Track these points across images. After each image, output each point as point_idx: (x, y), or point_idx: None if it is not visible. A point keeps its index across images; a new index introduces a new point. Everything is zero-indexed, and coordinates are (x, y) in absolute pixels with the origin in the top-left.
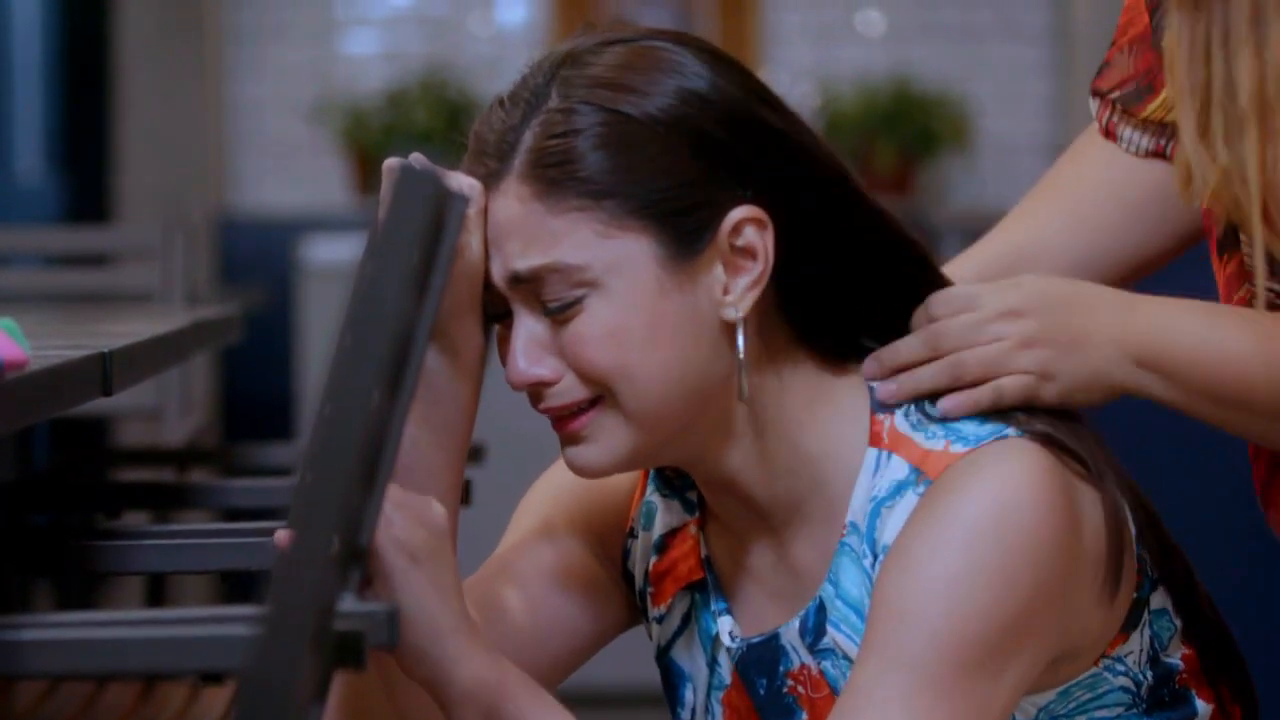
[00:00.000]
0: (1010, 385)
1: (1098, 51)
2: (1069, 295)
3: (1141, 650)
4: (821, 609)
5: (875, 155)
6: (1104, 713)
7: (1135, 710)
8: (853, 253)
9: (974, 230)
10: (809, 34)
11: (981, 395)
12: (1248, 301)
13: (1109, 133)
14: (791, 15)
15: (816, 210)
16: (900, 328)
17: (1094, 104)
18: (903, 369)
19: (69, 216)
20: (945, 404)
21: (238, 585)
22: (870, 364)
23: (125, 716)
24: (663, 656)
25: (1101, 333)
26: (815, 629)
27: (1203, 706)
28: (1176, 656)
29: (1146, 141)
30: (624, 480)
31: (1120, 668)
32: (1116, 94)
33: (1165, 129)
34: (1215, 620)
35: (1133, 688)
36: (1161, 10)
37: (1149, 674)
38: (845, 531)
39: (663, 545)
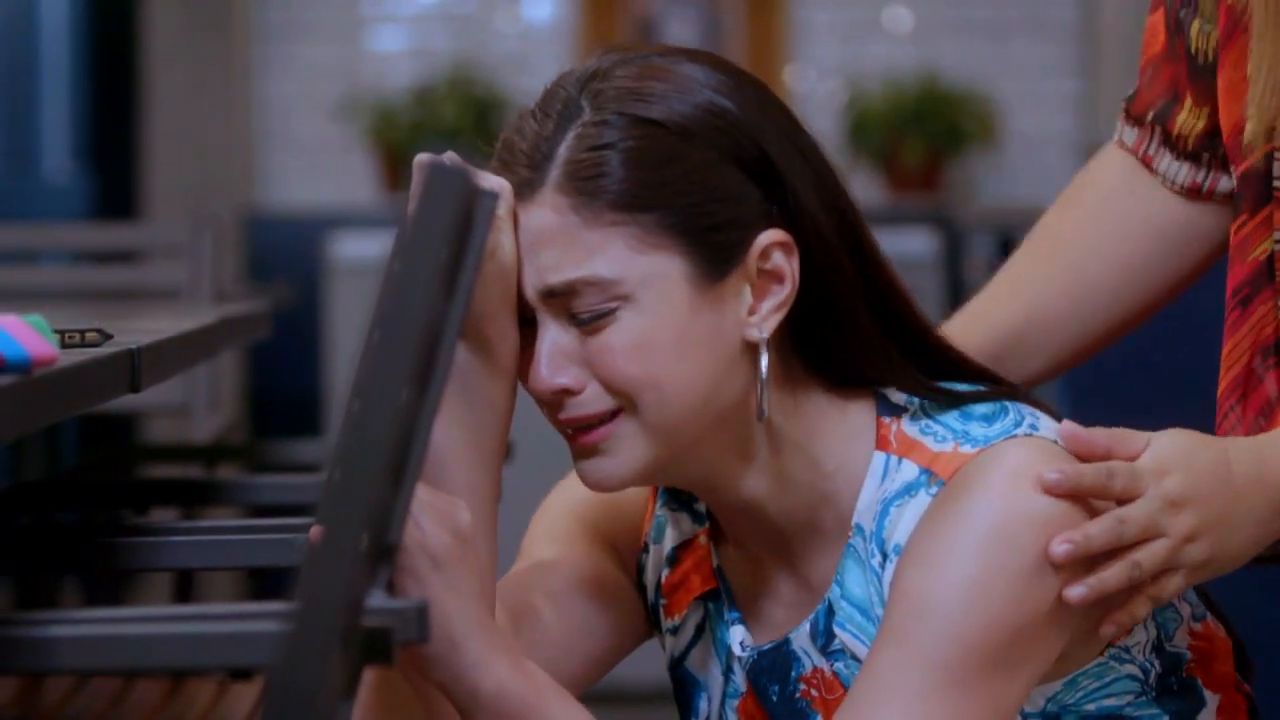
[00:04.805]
0: (1169, 587)
1: (1125, 49)
2: (1214, 469)
3: (1147, 640)
4: (830, 611)
5: (902, 152)
6: (1112, 700)
7: (1145, 697)
8: (862, 282)
9: (1001, 227)
10: (837, 31)
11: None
12: (1265, 258)
13: (1147, 164)
14: (819, 13)
15: (832, 236)
16: (895, 362)
17: (1130, 132)
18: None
19: (97, 213)
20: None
21: (266, 582)
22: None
23: (153, 713)
24: (676, 668)
25: (1246, 501)
26: (825, 631)
27: (1210, 697)
28: (1183, 646)
29: (1185, 175)
30: (635, 496)
31: (1126, 656)
32: (1151, 113)
33: (1202, 161)
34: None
35: (1140, 675)
36: (1185, 9)
37: (1155, 662)
38: (850, 534)
39: (675, 558)
